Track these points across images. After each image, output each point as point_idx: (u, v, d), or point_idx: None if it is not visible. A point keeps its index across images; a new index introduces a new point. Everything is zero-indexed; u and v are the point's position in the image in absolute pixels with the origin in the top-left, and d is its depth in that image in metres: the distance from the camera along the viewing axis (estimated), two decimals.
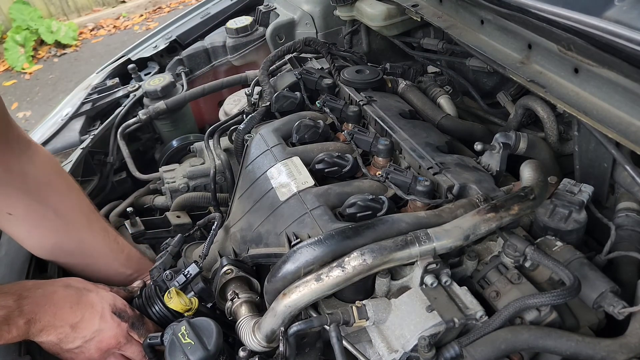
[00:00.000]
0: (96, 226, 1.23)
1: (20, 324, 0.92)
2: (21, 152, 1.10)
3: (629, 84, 0.85)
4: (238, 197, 1.22)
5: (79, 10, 6.97)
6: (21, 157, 1.09)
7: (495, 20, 1.15)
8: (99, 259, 1.22)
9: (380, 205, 0.97)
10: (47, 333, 0.97)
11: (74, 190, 1.22)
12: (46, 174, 1.15)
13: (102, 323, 1.02)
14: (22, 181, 1.09)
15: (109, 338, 1.03)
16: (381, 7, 1.59)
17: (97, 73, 2.16)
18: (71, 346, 1.00)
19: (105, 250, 1.22)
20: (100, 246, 1.22)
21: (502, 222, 0.87)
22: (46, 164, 1.17)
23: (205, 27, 2.26)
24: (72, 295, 1.03)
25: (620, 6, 0.80)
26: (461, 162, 1.08)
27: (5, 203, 1.09)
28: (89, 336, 1.01)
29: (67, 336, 0.99)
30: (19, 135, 1.10)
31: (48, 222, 1.14)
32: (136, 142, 1.91)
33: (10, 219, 1.10)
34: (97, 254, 1.22)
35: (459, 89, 1.59)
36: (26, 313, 0.93)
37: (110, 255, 1.23)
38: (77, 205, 1.21)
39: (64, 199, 1.18)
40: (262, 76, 1.49)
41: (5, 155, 1.06)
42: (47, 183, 1.14)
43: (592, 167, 1.07)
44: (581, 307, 0.86)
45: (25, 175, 1.10)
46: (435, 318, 0.80)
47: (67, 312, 0.99)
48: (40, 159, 1.15)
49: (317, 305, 0.90)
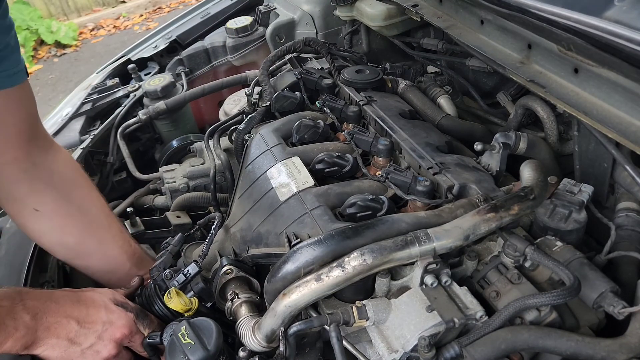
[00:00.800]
0: (115, 226, 1.23)
1: (26, 319, 0.88)
2: (47, 149, 1.11)
3: (629, 84, 0.85)
4: (238, 197, 1.22)
5: (79, 10, 6.97)
6: (47, 154, 1.11)
7: (495, 20, 1.15)
8: (115, 258, 1.22)
9: (380, 205, 0.97)
10: (56, 332, 0.93)
11: (95, 190, 1.23)
12: (70, 170, 1.17)
13: (109, 314, 1.00)
14: (50, 177, 1.10)
15: (122, 327, 1.00)
16: (381, 7, 1.59)
17: (97, 73, 2.16)
18: (85, 344, 0.96)
19: (122, 250, 1.22)
20: (118, 247, 1.22)
21: (502, 222, 0.87)
22: (68, 161, 1.19)
23: (205, 27, 2.27)
24: (70, 294, 1.02)
25: (620, 6, 0.80)
26: (461, 162, 1.08)
27: (33, 199, 1.09)
28: (100, 329, 0.98)
29: (77, 333, 0.95)
30: (45, 135, 1.12)
31: (72, 220, 1.14)
32: (136, 142, 1.91)
33: (36, 214, 1.10)
34: (114, 253, 1.21)
35: (459, 89, 1.59)
36: (30, 308, 0.90)
37: (125, 255, 1.23)
38: (98, 204, 1.21)
39: (87, 197, 1.18)
40: (262, 76, 1.49)
41: (34, 150, 1.07)
42: (71, 180, 1.16)
43: (592, 167, 1.07)
44: (581, 307, 0.86)
45: (51, 171, 1.11)
46: (435, 318, 0.80)
47: (70, 308, 0.97)
48: (63, 157, 1.17)
49: (317, 305, 0.89)
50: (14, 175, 1.06)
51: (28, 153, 1.06)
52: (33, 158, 1.07)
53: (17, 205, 1.10)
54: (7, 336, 0.85)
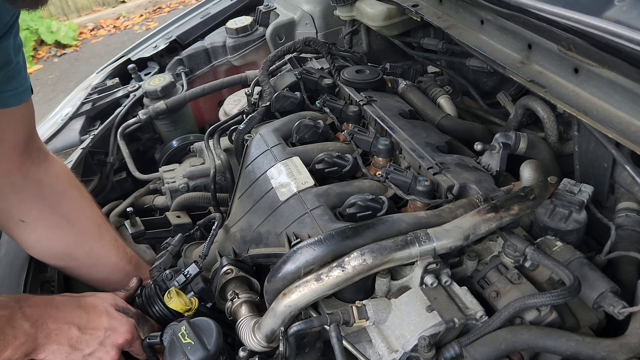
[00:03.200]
0: (107, 236, 1.24)
1: (25, 327, 0.88)
2: (40, 161, 1.13)
3: (629, 84, 0.85)
4: (238, 197, 1.22)
5: (79, 10, 6.97)
6: (39, 166, 1.12)
7: (495, 20, 1.15)
8: (108, 269, 1.23)
9: (380, 205, 0.97)
10: (57, 339, 0.92)
11: (87, 201, 1.24)
12: (61, 183, 1.18)
13: (111, 320, 1.00)
14: (38, 189, 1.11)
15: (124, 333, 1.00)
16: (381, 7, 1.59)
17: (97, 73, 2.16)
18: (87, 350, 0.96)
19: (114, 260, 1.23)
20: (110, 256, 1.23)
21: (502, 222, 0.87)
22: (61, 174, 1.20)
23: (205, 27, 2.27)
24: (71, 299, 1.02)
25: (620, 6, 0.80)
26: (461, 162, 1.08)
27: (19, 209, 1.10)
28: (102, 335, 0.97)
29: (78, 339, 0.94)
30: (40, 147, 1.14)
31: (60, 230, 1.15)
32: (136, 142, 1.91)
33: (22, 225, 1.11)
34: (106, 263, 1.22)
35: (459, 89, 1.59)
36: (29, 315, 0.90)
37: (119, 265, 1.24)
38: (90, 215, 1.23)
39: (77, 209, 1.20)
40: (262, 76, 1.49)
41: (26, 163, 1.09)
42: (61, 192, 1.17)
43: (592, 167, 1.07)
44: (581, 307, 0.86)
45: (41, 183, 1.12)
46: (435, 318, 0.80)
47: (70, 314, 0.96)
48: (56, 170, 1.18)
49: (317, 305, 0.89)
50: (2, 187, 1.06)
51: (20, 166, 1.08)
52: (24, 171, 1.08)
53: (3, 216, 1.11)
54: (7, 345, 0.85)
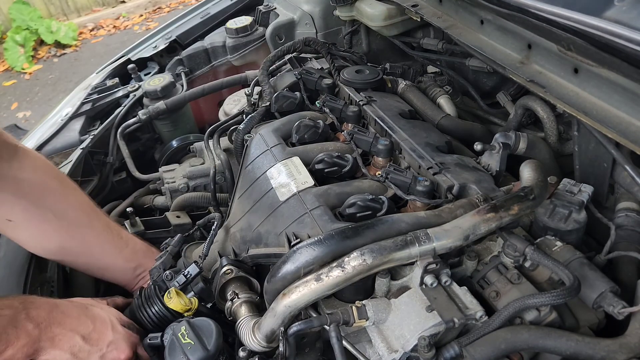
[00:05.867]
0: (97, 223, 1.22)
1: (29, 328, 0.87)
2: (10, 157, 1.08)
3: (629, 84, 0.85)
4: (238, 197, 1.22)
5: (79, 10, 6.97)
6: (11, 162, 1.08)
7: (495, 20, 1.15)
8: (104, 256, 1.21)
9: (380, 205, 0.97)
10: (59, 344, 0.91)
11: (70, 189, 1.21)
12: (39, 176, 1.14)
13: (115, 334, 0.99)
14: (16, 186, 1.08)
15: (126, 349, 0.98)
16: (381, 7, 1.60)
17: (97, 73, 2.16)
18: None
19: (109, 246, 1.21)
20: (104, 243, 1.21)
21: (502, 222, 0.87)
22: (38, 166, 1.15)
23: (205, 27, 2.26)
24: (77, 306, 1.00)
25: (620, 6, 0.80)
26: (461, 162, 1.08)
27: (3, 210, 1.08)
28: (105, 349, 0.96)
29: (81, 349, 0.93)
30: (5, 141, 1.08)
31: (49, 225, 1.13)
32: (136, 142, 1.91)
33: (11, 225, 1.10)
34: (101, 250, 1.21)
35: (459, 89, 1.59)
36: (34, 317, 0.88)
37: (115, 250, 1.22)
38: (76, 204, 1.20)
39: (61, 199, 1.17)
40: (262, 76, 1.49)
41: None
42: (41, 185, 1.13)
43: (592, 167, 1.07)
44: (581, 307, 0.86)
45: (18, 180, 1.08)
46: (435, 318, 0.80)
47: (75, 321, 0.95)
48: (31, 163, 1.13)
49: (317, 305, 0.89)
50: None
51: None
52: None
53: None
54: (8, 344, 0.84)
